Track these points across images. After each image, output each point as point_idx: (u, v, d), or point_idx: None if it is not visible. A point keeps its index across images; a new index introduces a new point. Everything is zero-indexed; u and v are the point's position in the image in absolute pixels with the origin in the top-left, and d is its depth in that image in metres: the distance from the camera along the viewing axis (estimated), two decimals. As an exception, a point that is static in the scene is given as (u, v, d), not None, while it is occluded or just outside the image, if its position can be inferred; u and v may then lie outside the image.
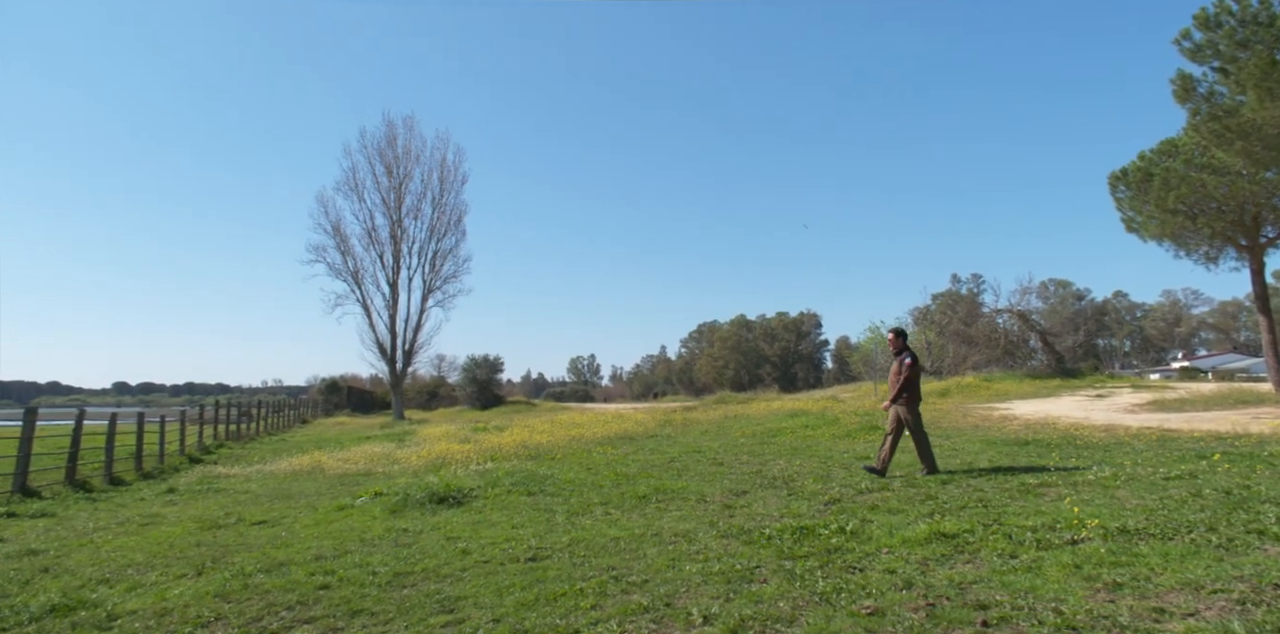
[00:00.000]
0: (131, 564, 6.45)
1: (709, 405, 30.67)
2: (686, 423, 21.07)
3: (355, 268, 40.47)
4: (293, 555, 6.49)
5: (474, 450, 15.49)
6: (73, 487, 12.35)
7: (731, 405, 28.68)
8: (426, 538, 6.99)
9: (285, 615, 4.75)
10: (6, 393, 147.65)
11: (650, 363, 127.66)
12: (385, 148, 41.25)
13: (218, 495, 11.22)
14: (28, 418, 12.12)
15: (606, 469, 11.37)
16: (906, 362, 8.95)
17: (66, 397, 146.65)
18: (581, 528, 7.07)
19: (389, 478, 12.18)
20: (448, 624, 4.39)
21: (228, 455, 19.14)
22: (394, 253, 40.80)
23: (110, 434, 14.36)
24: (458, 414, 41.05)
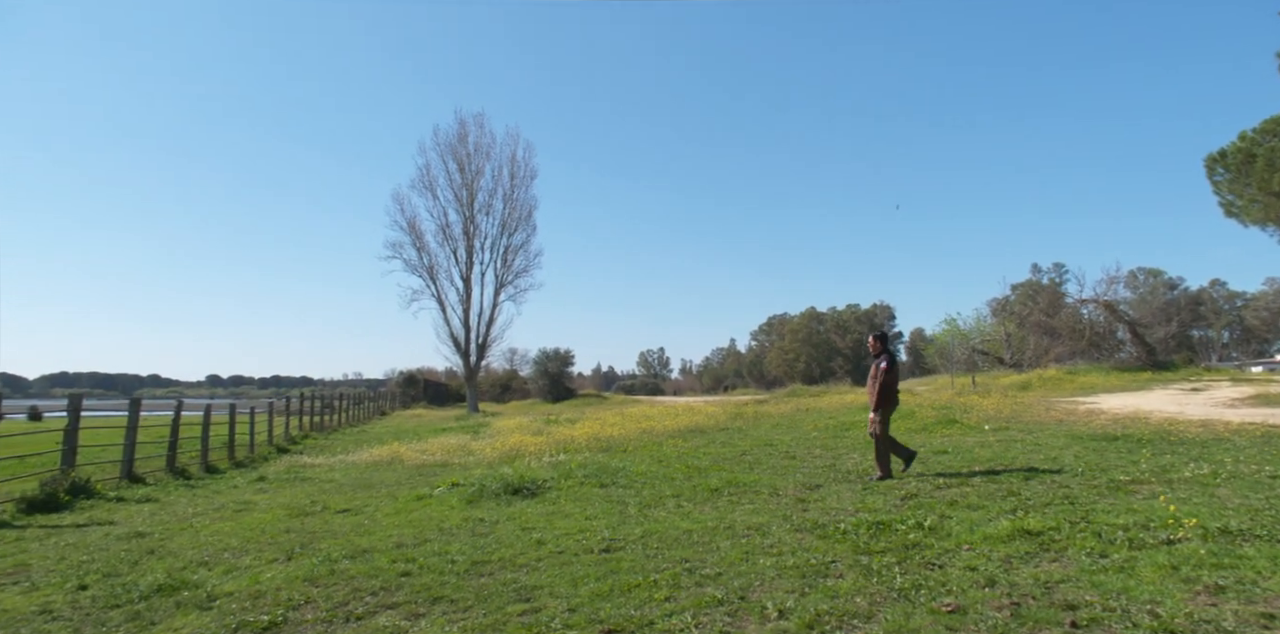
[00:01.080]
0: (228, 548, 6.77)
1: (780, 399, 30.37)
2: (757, 416, 20.92)
3: (430, 264, 41.56)
4: (375, 543, 6.70)
5: (546, 443, 15.71)
6: (173, 474, 13.03)
7: (803, 399, 28.33)
8: (502, 528, 7.12)
9: (370, 600, 4.91)
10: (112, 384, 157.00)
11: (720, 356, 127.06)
12: (457, 145, 42.15)
13: (304, 484, 11.66)
14: (133, 409, 12.85)
15: (678, 462, 11.38)
16: (882, 366, 8.75)
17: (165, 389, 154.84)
18: (654, 520, 7.09)
19: (465, 469, 12.46)
20: (524, 612, 4.46)
21: (312, 446, 19.89)
22: (467, 248, 41.70)
23: (205, 425, 15.09)
24: (530, 407, 41.71)
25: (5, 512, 8.93)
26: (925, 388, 30.34)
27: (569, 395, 48.45)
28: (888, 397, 8.72)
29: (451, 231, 41.82)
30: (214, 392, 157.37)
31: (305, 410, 25.98)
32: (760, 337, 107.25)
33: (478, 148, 42.24)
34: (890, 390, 8.74)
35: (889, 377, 8.72)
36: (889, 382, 8.72)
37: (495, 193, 42.22)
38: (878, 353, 8.98)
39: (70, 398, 11.59)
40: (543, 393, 48.97)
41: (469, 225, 41.67)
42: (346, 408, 32.33)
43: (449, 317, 41.82)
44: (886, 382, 8.70)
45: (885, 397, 8.69)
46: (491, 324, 42.41)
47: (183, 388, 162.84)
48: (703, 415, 21.74)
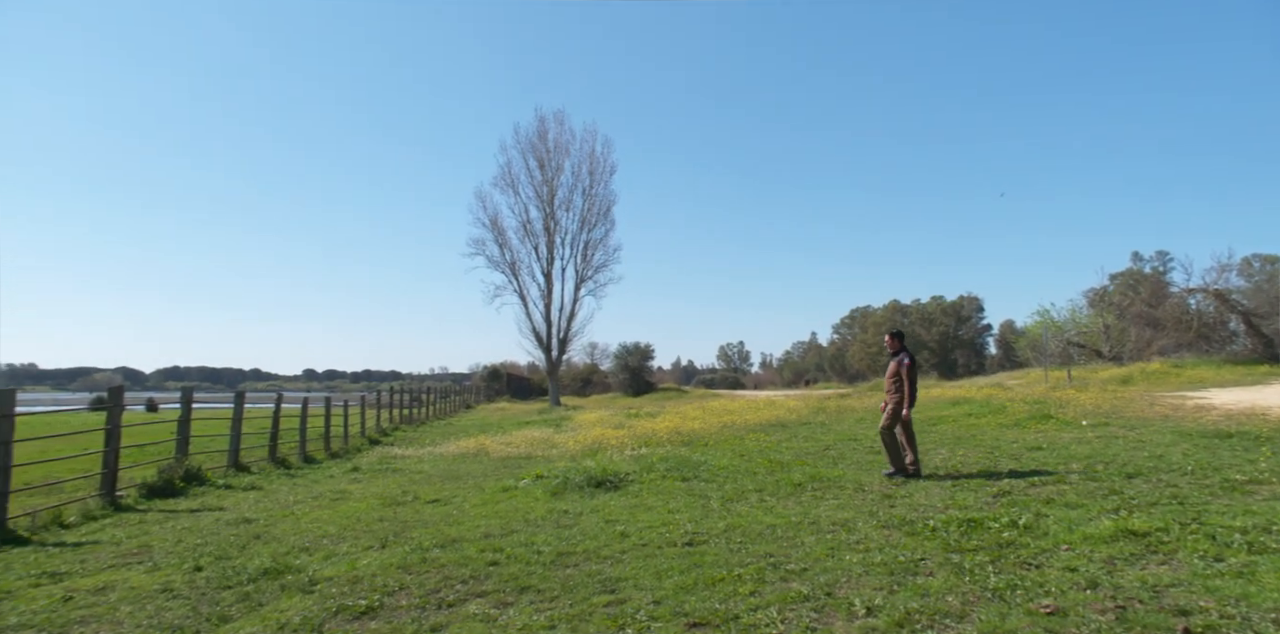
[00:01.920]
0: (326, 535, 7.08)
1: (863, 392, 29.75)
2: (841, 410, 20.55)
3: (512, 259, 42.32)
4: (464, 533, 6.89)
5: (628, 436, 15.82)
6: (274, 463, 13.70)
7: (887, 393, 27.66)
8: (586, 520, 7.22)
9: (460, 588, 5.06)
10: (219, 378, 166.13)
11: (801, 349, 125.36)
12: (537, 142, 42.73)
13: (395, 475, 12.08)
14: (238, 401, 13.56)
15: (760, 456, 11.30)
16: (905, 363, 8.74)
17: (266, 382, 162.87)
18: (737, 514, 7.06)
19: (548, 461, 12.67)
20: (610, 604, 4.51)
21: (402, 438, 20.58)
22: (547, 244, 42.29)
23: (303, 417, 15.81)
24: (610, 401, 42.09)
25: (129, 496, 9.57)
26: (1016, 382, 29.22)
27: (649, 389, 48.68)
28: (914, 394, 8.71)
29: (532, 228, 42.52)
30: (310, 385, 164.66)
31: (395, 404, 26.87)
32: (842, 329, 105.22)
33: (557, 145, 42.80)
34: (915, 388, 8.71)
35: (912, 374, 8.72)
36: (914, 377, 8.72)
37: (575, 188, 42.71)
38: (896, 351, 8.98)
39: (183, 391, 12.31)
40: (623, 387, 49.36)
41: (549, 221, 42.28)
42: (433, 401, 33.29)
43: (530, 312, 42.58)
44: (912, 377, 8.71)
45: (914, 394, 8.69)
46: (572, 319, 42.97)
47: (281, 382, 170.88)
48: (784, 409, 21.50)
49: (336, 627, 4.35)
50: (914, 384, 8.73)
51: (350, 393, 47.67)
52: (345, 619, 4.49)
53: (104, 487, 9.29)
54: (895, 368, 8.84)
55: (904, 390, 8.68)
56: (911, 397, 8.67)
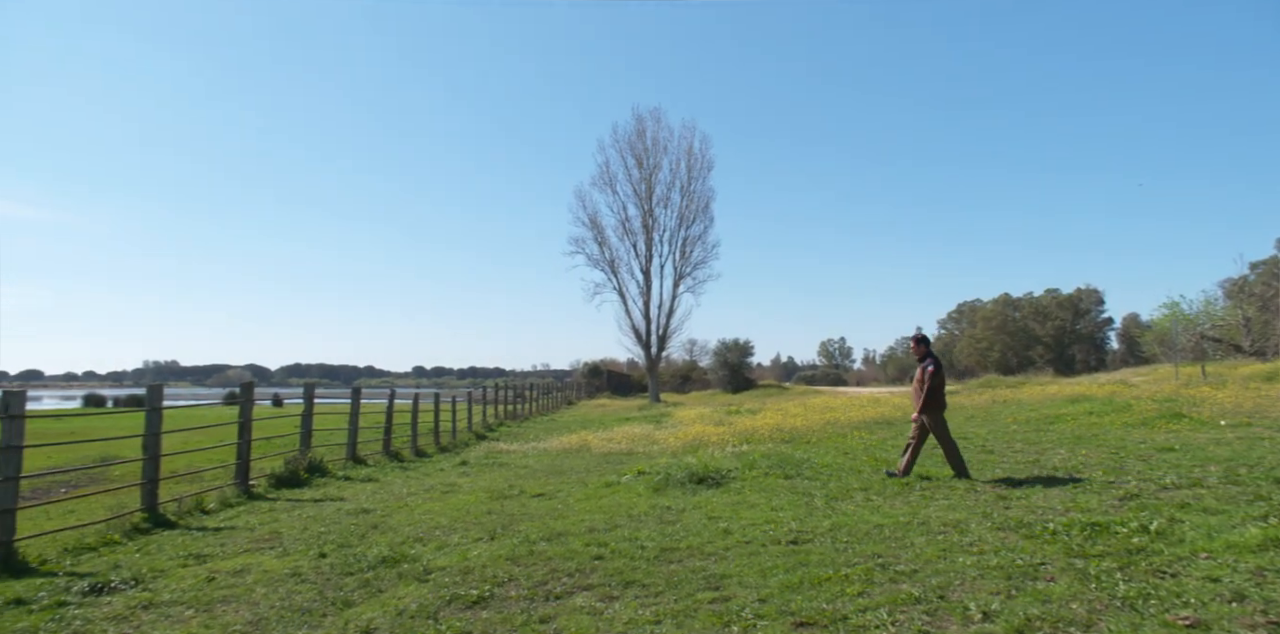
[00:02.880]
0: (438, 526, 7.36)
1: (973, 390, 28.60)
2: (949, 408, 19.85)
3: (611, 257, 42.79)
4: (569, 527, 7.03)
5: (728, 433, 15.76)
6: (388, 456, 14.34)
7: (999, 389, 26.51)
8: (689, 516, 7.23)
9: (566, 581, 5.16)
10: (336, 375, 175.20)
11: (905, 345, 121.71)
12: (635, 140, 43.04)
13: (501, 469, 12.43)
14: (354, 397, 14.27)
15: (865, 454, 11.04)
16: (929, 369, 8.70)
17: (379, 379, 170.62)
18: (842, 513, 6.93)
19: (649, 457, 12.76)
20: (714, 601, 4.51)
21: (507, 433, 21.16)
22: (646, 241, 42.55)
23: (414, 412, 16.47)
24: (710, 397, 42.01)
25: (259, 486, 10.22)
26: (1142, 378, 27.44)
27: (749, 386, 48.28)
28: (937, 400, 8.69)
29: (631, 225, 42.87)
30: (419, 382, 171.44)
31: (499, 399, 27.65)
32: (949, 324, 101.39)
33: (655, 142, 42.98)
34: (939, 393, 8.71)
35: (935, 380, 8.68)
36: (936, 385, 8.68)
37: (673, 186, 42.78)
38: (921, 356, 8.95)
39: (305, 386, 13.05)
40: (722, 383, 49.14)
41: (648, 219, 42.53)
42: (536, 397, 34.07)
43: (630, 309, 42.97)
44: (935, 385, 8.66)
45: (935, 400, 8.66)
46: (671, 315, 43.10)
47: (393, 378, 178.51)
48: (889, 407, 20.93)
49: (450, 615, 4.52)
50: (933, 391, 8.67)
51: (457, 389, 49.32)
52: (458, 608, 4.66)
53: (238, 476, 9.96)
54: (920, 375, 8.83)
55: (925, 397, 8.66)
56: (928, 401, 8.64)
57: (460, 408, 20.72)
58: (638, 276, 42.92)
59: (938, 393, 8.70)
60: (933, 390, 8.66)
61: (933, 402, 8.67)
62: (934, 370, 8.70)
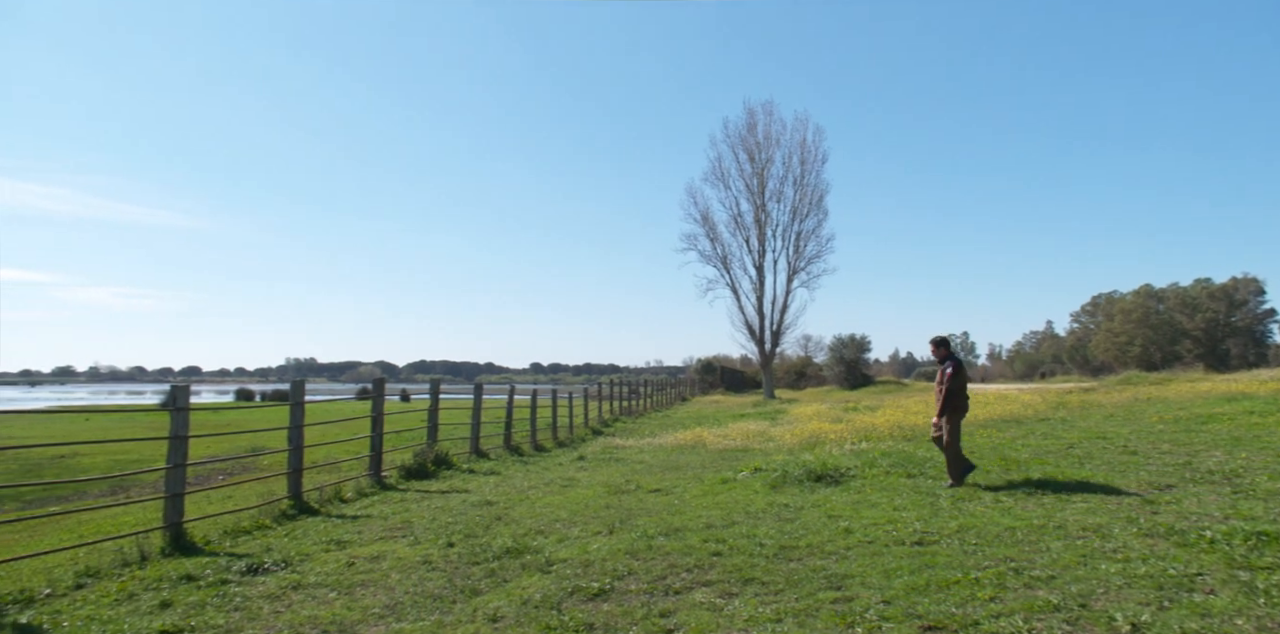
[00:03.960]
0: (559, 519, 7.54)
1: (1111, 386, 26.77)
2: (1085, 405, 18.65)
3: (723, 253, 42.61)
4: (686, 522, 7.05)
5: (846, 430, 15.39)
6: (509, 450, 14.81)
7: (1141, 386, 24.70)
8: (807, 514, 7.12)
9: (685, 577, 5.18)
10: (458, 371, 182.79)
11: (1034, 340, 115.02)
12: (746, 135, 42.60)
13: (617, 464, 12.60)
14: (477, 392, 14.81)
15: (992, 453, 10.54)
16: (948, 371, 8.56)
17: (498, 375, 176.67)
18: (969, 514, 6.65)
19: (765, 454, 12.63)
20: (836, 600, 4.42)
21: (622, 428, 21.43)
22: (758, 236, 42.12)
23: (533, 408, 16.94)
24: (826, 394, 41.15)
25: (391, 477, 10.78)
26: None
27: (866, 382, 46.98)
28: (957, 402, 8.53)
29: (743, 220, 42.50)
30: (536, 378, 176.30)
31: (614, 396, 28.04)
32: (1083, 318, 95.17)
33: (767, 136, 42.39)
34: (958, 395, 8.55)
35: (955, 382, 8.54)
36: (955, 387, 8.54)
37: (785, 179, 42.13)
38: (941, 359, 8.80)
39: (431, 382, 13.65)
40: (839, 379, 48.03)
41: (760, 213, 42.06)
42: (650, 393, 34.33)
43: (743, 304, 42.68)
44: (953, 387, 8.52)
45: (952, 402, 8.50)
46: (785, 311, 42.53)
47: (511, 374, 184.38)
48: (1017, 404, 19.87)
49: (573, 606, 4.62)
50: (952, 392, 8.54)
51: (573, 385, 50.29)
52: (580, 599, 4.76)
53: (372, 467, 10.53)
54: (940, 376, 8.70)
55: (945, 399, 8.53)
56: (946, 404, 8.51)
57: (577, 404, 21.15)
58: (750, 272, 42.60)
59: (958, 395, 8.57)
60: (952, 392, 8.54)
61: (953, 403, 8.54)
62: (953, 372, 8.58)
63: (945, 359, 8.76)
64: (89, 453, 16.76)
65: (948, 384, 8.53)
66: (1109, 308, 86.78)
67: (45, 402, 57.56)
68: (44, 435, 22.04)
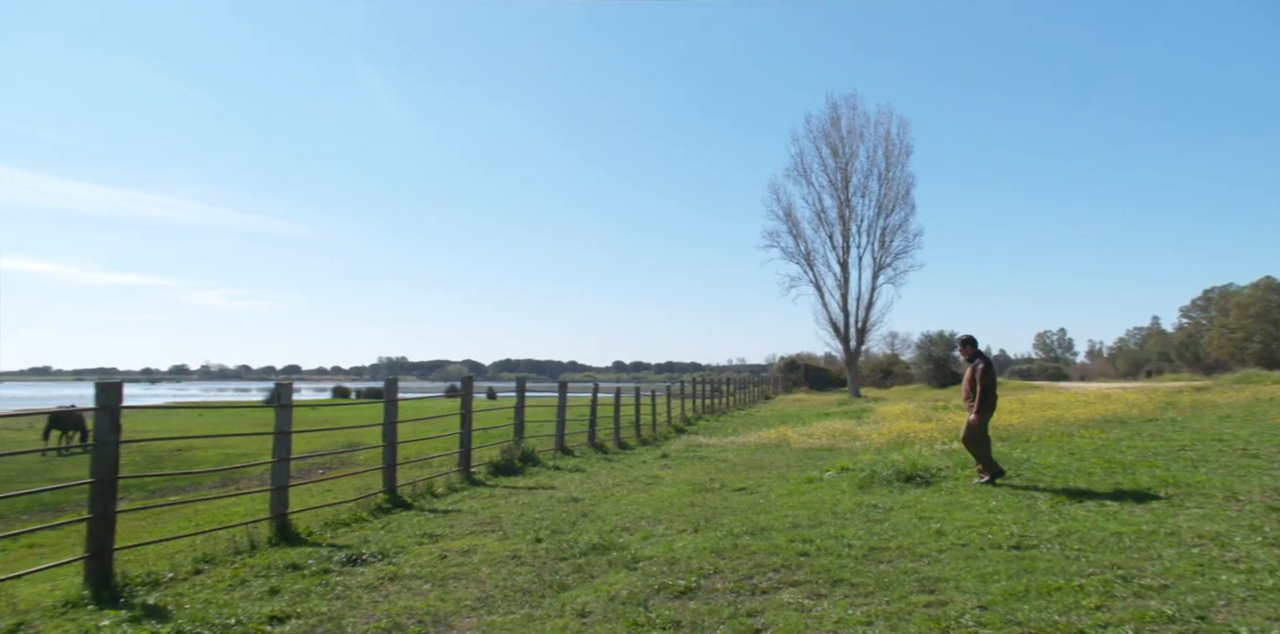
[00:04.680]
0: (643, 517, 7.58)
1: (1227, 385, 25.16)
2: (1197, 405, 17.58)
3: (806, 250, 42.06)
4: (772, 522, 6.98)
5: (936, 430, 14.94)
6: (593, 448, 14.98)
7: (1262, 385, 23.12)
8: (897, 515, 6.95)
9: (772, 576, 5.13)
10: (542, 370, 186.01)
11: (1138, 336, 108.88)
12: (829, 130, 41.92)
13: (701, 462, 12.58)
14: (561, 391, 15.04)
15: (1094, 455, 10.06)
16: (979, 368, 8.60)
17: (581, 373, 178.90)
18: (1071, 518, 6.36)
19: (852, 454, 12.39)
20: (930, 604, 4.30)
21: (704, 427, 21.38)
22: (843, 232, 41.38)
23: (616, 406, 17.08)
24: (914, 392, 40.05)
25: (479, 473, 11.05)
26: None
27: (956, 381, 45.36)
28: (989, 399, 8.57)
29: (826, 217, 41.86)
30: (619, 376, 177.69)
31: (696, 394, 27.98)
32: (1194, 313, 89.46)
33: (850, 130, 41.59)
34: (989, 393, 8.58)
35: (988, 379, 8.56)
36: (989, 383, 8.57)
37: (870, 174, 41.28)
38: (969, 357, 8.86)
39: (517, 381, 13.94)
40: (927, 378, 46.66)
41: (844, 209, 41.30)
42: (733, 392, 34.11)
43: (827, 302, 42.04)
44: (986, 383, 8.55)
45: (987, 399, 8.55)
46: (870, 308, 41.69)
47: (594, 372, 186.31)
48: (1122, 404, 18.89)
49: (659, 603, 4.64)
50: (988, 391, 8.57)
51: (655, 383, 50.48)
52: (666, 597, 4.78)
53: (461, 463, 10.82)
54: (970, 374, 8.71)
55: (980, 397, 8.55)
56: (983, 402, 8.56)
57: (659, 402, 21.21)
58: (834, 269, 41.92)
59: (989, 393, 8.60)
60: (987, 389, 8.58)
61: (988, 402, 8.60)
62: (984, 369, 8.62)
63: (974, 357, 8.82)
64: (203, 446, 17.81)
65: (983, 381, 8.58)
66: (1223, 302, 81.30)
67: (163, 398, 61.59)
68: (163, 430, 23.55)
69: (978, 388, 8.58)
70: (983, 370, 8.59)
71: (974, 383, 8.64)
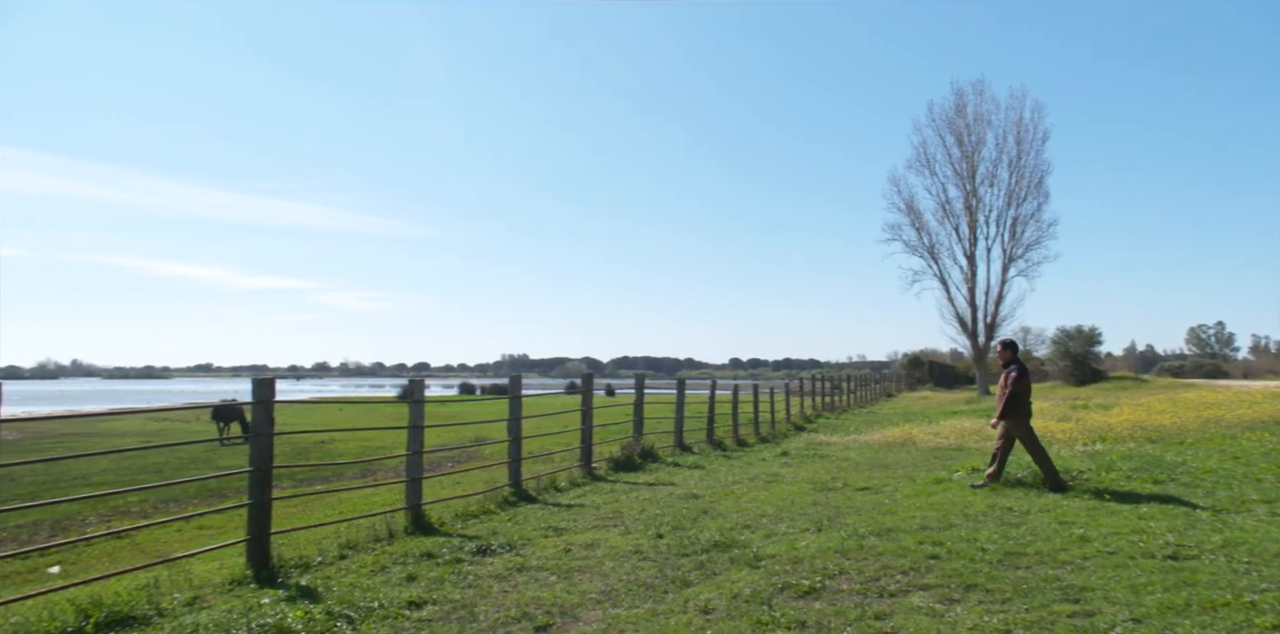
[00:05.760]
0: (764, 515, 7.50)
1: None
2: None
3: (930, 243, 40.52)
4: (898, 523, 6.76)
5: (1076, 430, 14.05)
6: (712, 445, 14.96)
7: None
8: (1034, 519, 6.58)
9: (900, 579, 4.97)
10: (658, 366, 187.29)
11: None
12: (954, 117, 40.17)
13: (822, 461, 12.33)
14: (680, 387, 15.11)
15: (1263, 460, 9.20)
16: (1012, 375, 8.52)
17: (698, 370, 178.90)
18: (1237, 528, 5.84)
19: (983, 454, 11.81)
20: (1075, 615, 4.05)
21: (825, 425, 20.95)
22: (969, 224, 39.59)
23: (734, 402, 16.99)
24: (1049, 390, 37.76)
25: (600, 468, 11.25)
26: None
27: (1096, 378, 42.59)
28: (1020, 407, 8.45)
29: (951, 208, 40.17)
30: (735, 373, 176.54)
31: (816, 391, 27.45)
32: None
33: (977, 117, 39.64)
34: (1021, 399, 8.47)
35: (1019, 386, 8.45)
36: (1019, 390, 8.45)
37: (999, 162, 39.24)
38: (1007, 362, 8.76)
39: (636, 378, 14.09)
40: (1064, 375, 43.93)
41: (970, 199, 39.46)
42: (853, 389, 33.27)
43: (952, 296, 40.37)
44: (1016, 390, 8.44)
45: (1018, 406, 8.44)
46: (1000, 302, 39.69)
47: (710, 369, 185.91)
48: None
49: (783, 602, 4.58)
50: (1013, 398, 8.46)
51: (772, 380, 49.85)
52: (790, 596, 4.71)
53: (582, 459, 11.04)
54: (1003, 379, 8.66)
55: (1005, 403, 8.47)
56: (1005, 407, 8.47)
57: (778, 399, 20.94)
58: (960, 262, 40.16)
59: (1020, 399, 8.48)
60: (1014, 396, 8.46)
61: (1015, 408, 8.48)
62: (1017, 376, 8.52)
63: (1010, 363, 8.73)
64: (343, 439, 18.99)
65: (1011, 388, 8.49)
66: None
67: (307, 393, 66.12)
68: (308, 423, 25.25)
69: (1007, 393, 8.52)
70: (1014, 377, 8.52)
71: (1005, 388, 8.57)
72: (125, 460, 15.59)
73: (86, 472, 14.22)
